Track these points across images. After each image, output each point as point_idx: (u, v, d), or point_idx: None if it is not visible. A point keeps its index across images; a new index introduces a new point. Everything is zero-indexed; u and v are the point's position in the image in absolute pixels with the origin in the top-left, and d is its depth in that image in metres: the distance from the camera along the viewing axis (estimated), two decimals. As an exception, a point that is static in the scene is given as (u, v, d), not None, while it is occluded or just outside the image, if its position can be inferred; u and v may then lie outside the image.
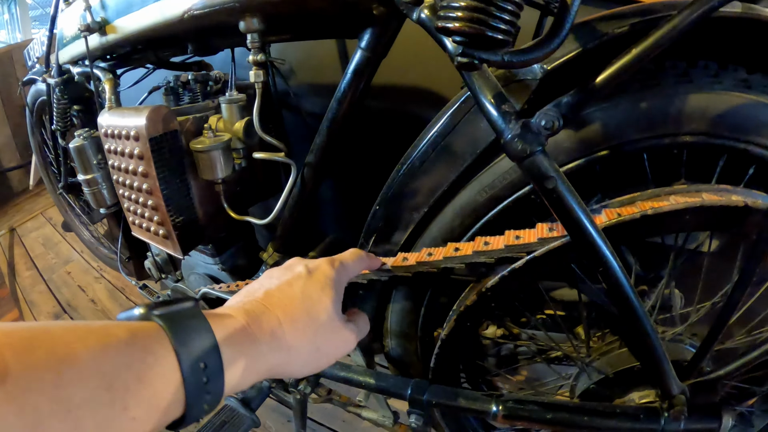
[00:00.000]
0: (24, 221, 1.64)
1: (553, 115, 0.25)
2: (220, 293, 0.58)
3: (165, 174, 0.51)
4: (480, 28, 0.21)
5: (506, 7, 0.20)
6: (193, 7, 0.40)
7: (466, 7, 0.20)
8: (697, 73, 0.34)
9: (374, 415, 0.54)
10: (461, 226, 0.38)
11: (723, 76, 0.33)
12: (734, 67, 0.35)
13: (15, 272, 1.37)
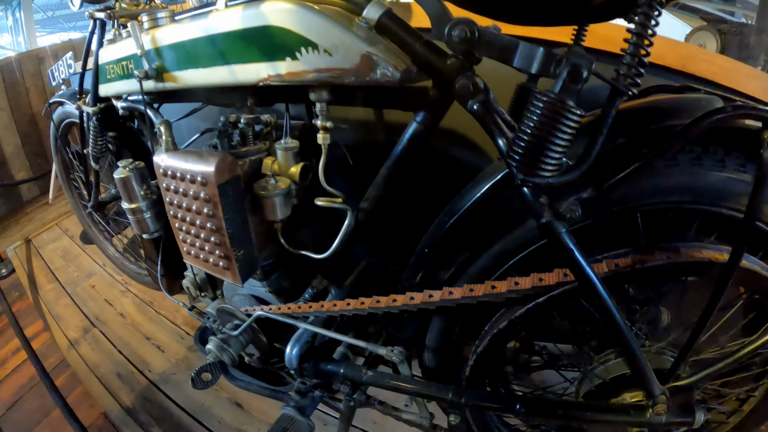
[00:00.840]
0: (39, 232, 1.70)
1: (575, 209, 0.37)
2: (274, 315, 0.69)
3: (230, 215, 0.60)
4: (538, 173, 0.31)
5: (559, 150, 0.31)
6: (270, 78, 0.49)
7: (529, 151, 0.31)
8: (683, 157, 0.45)
9: (413, 416, 0.66)
10: (494, 269, 0.49)
11: (704, 159, 0.45)
12: (714, 149, 0.46)
13: (36, 285, 1.44)
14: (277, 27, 0.43)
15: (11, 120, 1.84)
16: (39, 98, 1.93)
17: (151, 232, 0.87)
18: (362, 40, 0.41)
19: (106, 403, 1.03)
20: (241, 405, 0.97)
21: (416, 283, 0.57)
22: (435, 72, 0.44)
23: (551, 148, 0.32)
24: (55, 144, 1.27)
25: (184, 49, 0.55)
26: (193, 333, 1.19)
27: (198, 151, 0.63)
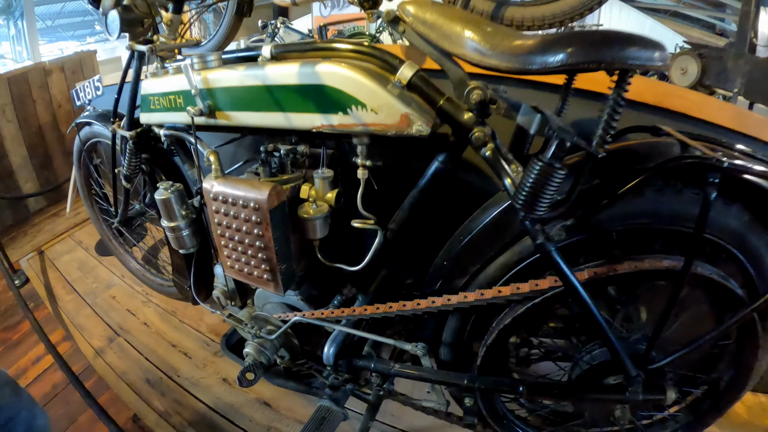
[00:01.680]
0: (52, 243, 1.82)
1: (561, 233, 0.52)
2: (310, 320, 0.83)
3: (277, 235, 0.75)
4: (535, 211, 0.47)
5: (549, 195, 0.46)
6: (323, 127, 0.64)
7: (529, 197, 0.47)
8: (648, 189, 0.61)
9: (432, 403, 0.81)
10: (500, 276, 0.64)
11: (665, 190, 0.60)
12: (673, 182, 0.61)
13: (54, 296, 1.56)
14: (332, 87, 0.58)
15: (19, 132, 1.95)
16: (46, 111, 2.05)
17: (188, 248, 1.02)
18: (402, 103, 0.56)
19: (138, 407, 1.15)
20: (270, 404, 1.11)
21: (435, 289, 0.72)
22: (455, 124, 0.59)
23: (544, 195, 0.48)
24: (79, 161, 1.40)
25: (239, 93, 0.70)
26: (217, 340, 1.33)
27: (247, 179, 0.78)
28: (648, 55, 0.47)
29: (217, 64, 0.74)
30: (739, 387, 0.75)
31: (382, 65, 0.62)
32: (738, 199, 0.62)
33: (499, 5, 1.02)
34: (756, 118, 0.92)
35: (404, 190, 0.70)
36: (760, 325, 0.68)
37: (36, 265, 1.72)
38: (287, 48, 0.69)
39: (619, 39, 0.46)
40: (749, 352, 0.71)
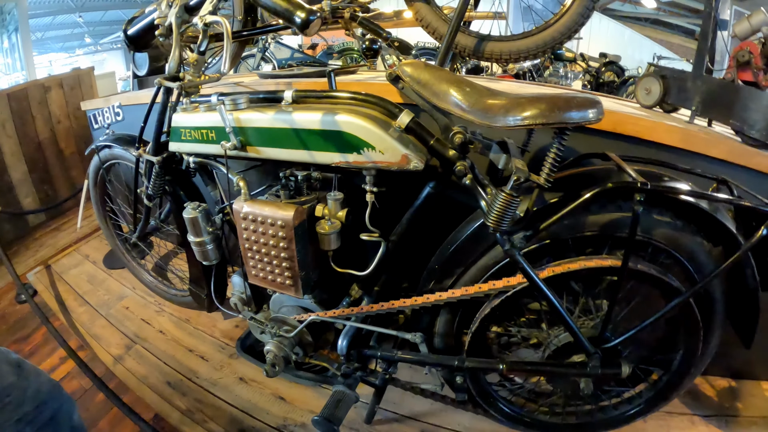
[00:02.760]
0: (59, 258, 1.99)
1: (523, 242, 0.75)
2: (325, 318, 1.05)
3: (299, 247, 0.96)
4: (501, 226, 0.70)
5: (510, 215, 0.69)
6: (340, 163, 0.85)
7: (496, 217, 0.70)
8: (593, 205, 0.84)
9: (429, 385, 1.03)
10: (480, 275, 0.87)
11: (608, 205, 0.84)
12: (615, 200, 0.85)
13: (67, 308, 1.75)
14: (349, 133, 0.80)
15: (18, 147, 2.12)
16: (45, 127, 2.22)
17: (211, 260, 1.23)
18: (402, 145, 0.79)
19: (161, 407, 1.34)
20: (284, 398, 1.31)
21: (429, 288, 0.94)
22: (442, 159, 0.82)
23: (506, 215, 0.71)
24: (95, 180, 1.59)
25: (269, 133, 0.92)
26: (231, 344, 1.53)
27: (272, 201, 1.00)
28: (582, 115, 0.70)
29: (246, 106, 0.96)
30: (688, 365, 0.98)
31: (384, 111, 0.85)
32: (670, 209, 0.86)
33: (480, 41, 1.26)
34: (701, 137, 1.17)
35: (402, 210, 0.93)
36: (698, 311, 0.91)
37: (44, 279, 1.90)
38: (306, 94, 0.92)
39: (563, 105, 0.69)
40: (692, 334, 0.94)
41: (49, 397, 0.80)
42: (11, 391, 0.73)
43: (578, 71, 4.21)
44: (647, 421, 1.27)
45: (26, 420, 0.76)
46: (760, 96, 1.23)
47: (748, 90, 1.30)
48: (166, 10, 0.88)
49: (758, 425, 1.28)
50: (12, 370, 0.74)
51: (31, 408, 0.76)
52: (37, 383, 0.78)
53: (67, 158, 2.36)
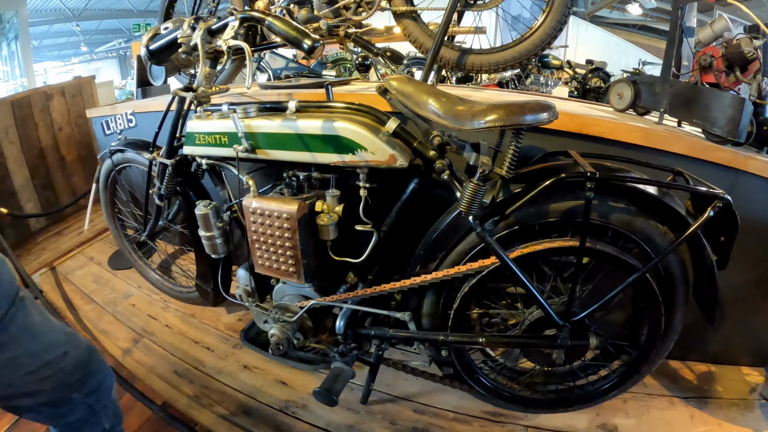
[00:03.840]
0: (63, 260, 2.16)
1: (493, 225, 0.95)
2: (324, 303, 1.24)
3: (302, 237, 1.16)
4: (472, 212, 0.90)
5: (478, 202, 0.90)
6: (338, 162, 1.05)
7: (468, 204, 0.90)
8: (555, 194, 1.05)
9: (417, 363, 1.22)
10: (459, 259, 1.07)
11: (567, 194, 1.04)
12: (573, 189, 1.06)
13: (74, 306, 1.92)
14: (346, 137, 1.00)
15: (21, 153, 2.31)
16: (47, 133, 2.41)
17: (220, 253, 1.42)
18: (389, 147, 0.99)
19: (169, 394, 1.51)
20: (286, 383, 1.49)
21: (416, 272, 1.14)
22: (424, 159, 1.02)
23: (475, 201, 0.90)
24: (106, 182, 1.78)
25: (277, 137, 1.12)
26: (235, 336, 1.71)
27: (277, 197, 1.19)
28: (535, 118, 0.90)
29: (255, 114, 1.16)
30: (654, 339, 1.17)
31: (374, 119, 1.05)
32: (623, 196, 1.06)
33: (462, 54, 1.48)
34: (661, 135, 1.38)
35: (391, 203, 1.13)
36: (658, 288, 1.09)
37: (50, 280, 2.07)
38: (307, 104, 1.12)
39: (518, 110, 0.89)
40: (654, 309, 1.12)
41: (96, 367, 0.96)
42: (64, 359, 0.90)
43: (564, 78, 4.51)
44: (627, 402, 1.45)
45: (75, 387, 0.93)
46: (720, 96, 1.45)
47: (710, 91, 1.52)
48: (188, 31, 1.08)
49: (738, 407, 1.45)
50: (65, 340, 0.91)
51: (80, 376, 0.92)
52: (86, 354, 0.94)
53: (68, 164, 2.54)
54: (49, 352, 0.86)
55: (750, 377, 1.59)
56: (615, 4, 6.75)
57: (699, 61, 1.63)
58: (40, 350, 0.84)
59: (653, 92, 1.72)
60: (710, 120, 1.45)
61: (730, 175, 1.34)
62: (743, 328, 1.54)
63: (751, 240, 1.34)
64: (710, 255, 1.05)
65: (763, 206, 1.34)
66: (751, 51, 1.45)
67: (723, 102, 1.43)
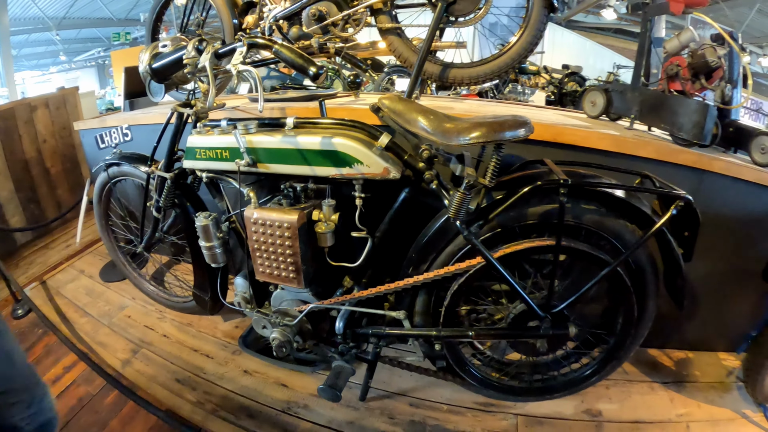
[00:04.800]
0: (53, 274, 2.22)
1: (478, 229, 1.10)
2: (323, 305, 1.37)
3: (302, 245, 1.28)
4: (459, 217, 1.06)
5: (464, 209, 1.05)
6: (336, 175, 1.19)
7: (456, 210, 1.05)
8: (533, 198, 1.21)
9: (413, 357, 1.36)
10: (448, 260, 1.22)
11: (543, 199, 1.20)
12: (549, 194, 1.22)
13: (68, 319, 1.99)
14: (342, 152, 1.14)
15: (5, 166, 2.36)
16: (32, 146, 2.46)
17: (219, 263, 1.54)
18: (383, 160, 1.13)
19: (172, 402, 1.61)
20: (287, 385, 1.61)
21: (409, 273, 1.28)
22: (414, 170, 1.17)
23: (462, 208, 1.05)
24: (100, 195, 1.87)
25: (277, 152, 1.24)
26: (234, 342, 1.82)
27: (277, 208, 1.32)
28: (514, 134, 1.06)
29: (255, 130, 1.29)
30: (628, 326, 1.32)
31: (368, 134, 1.19)
32: (594, 199, 1.22)
33: (444, 68, 1.63)
34: (631, 141, 1.56)
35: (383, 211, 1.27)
36: (628, 279, 1.25)
37: (41, 294, 2.13)
38: (304, 121, 1.25)
39: (498, 128, 1.04)
40: (626, 299, 1.28)
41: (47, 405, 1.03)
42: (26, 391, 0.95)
43: (541, 83, 4.80)
44: (610, 389, 1.62)
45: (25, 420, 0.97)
46: (686, 103, 1.64)
47: (677, 98, 1.72)
48: (193, 53, 1.20)
49: (716, 389, 1.63)
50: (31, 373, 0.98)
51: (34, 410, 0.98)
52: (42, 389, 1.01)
53: (53, 177, 2.60)
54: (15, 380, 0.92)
55: (726, 362, 1.78)
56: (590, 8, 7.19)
57: (666, 71, 1.83)
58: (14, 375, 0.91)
59: (624, 99, 1.91)
60: (677, 125, 1.65)
61: (696, 176, 1.52)
62: (717, 315, 1.73)
63: (719, 234, 1.53)
64: (676, 249, 1.22)
65: (728, 203, 1.53)
66: (715, 60, 1.65)
67: (688, 108, 1.62)
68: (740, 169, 1.49)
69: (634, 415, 1.50)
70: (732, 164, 1.50)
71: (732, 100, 1.66)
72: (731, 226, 1.54)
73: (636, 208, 1.20)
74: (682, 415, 1.51)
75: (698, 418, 1.51)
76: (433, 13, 1.56)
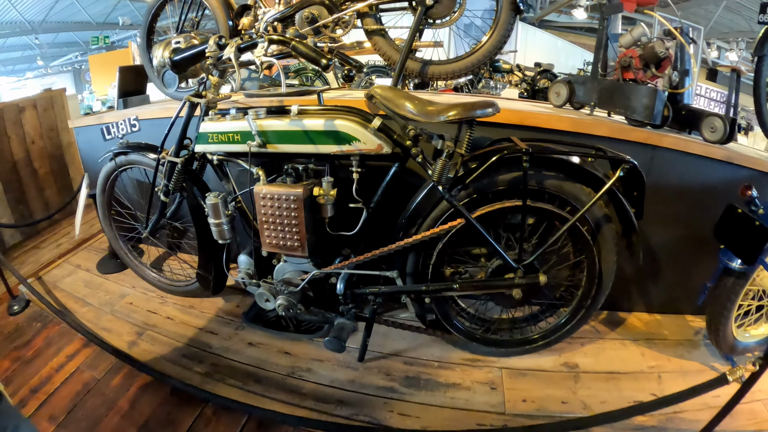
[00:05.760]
0: (49, 269, 2.42)
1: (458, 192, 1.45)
2: (327, 271, 1.68)
3: (306, 215, 1.60)
4: (442, 182, 1.41)
5: (445, 175, 1.40)
6: (337, 151, 1.52)
7: (438, 177, 1.40)
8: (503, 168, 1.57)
9: (406, 316, 1.68)
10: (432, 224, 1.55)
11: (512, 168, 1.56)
12: (514, 164, 1.58)
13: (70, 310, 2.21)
14: (343, 132, 1.45)
15: (-7, 168, 2.59)
16: (20, 147, 2.68)
17: (226, 239, 1.83)
18: (376, 138, 1.45)
19: (182, 375, 1.86)
20: (289, 352, 1.89)
21: (400, 237, 1.61)
22: (402, 147, 1.50)
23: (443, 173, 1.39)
24: (105, 184, 2.12)
25: (286, 134, 1.55)
26: (236, 320, 2.09)
27: (283, 184, 1.63)
28: (483, 112, 1.41)
29: (264, 116, 1.60)
30: (592, 278, 1.66)
31: (362, 117, 1.53)
32: (553, 167, 1.58)
33: (424, 65, 2.00)
34: (587, 122, 1.94)
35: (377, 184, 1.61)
36: (589, 233, 1.61)
37: (39, 289, 2.33)
38: (306, 108, 1.58)
39: (470, 107, 1.39)
40: (588, 251, 1.62)
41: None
42: None
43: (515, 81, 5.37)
44: (585, 345, 1.95)
45: None
46: (638, 89, 2.04)
47: (629, 85, 2.12)
48: (214, 47, 1.53)
49: (684, 346, 1.97)
50: None
51: None
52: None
53: (41, 178, 2.82)
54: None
55: (693, 323, 2.12)
56: (562, 8, 7.97)
57: (620, 62, 2.25)
58: None
59: (585, 89, 2.32)
60: (630, 108, 2.05)
61: (648, 151, 1.89)
62: (680, 278, 2.09)
63: (676, 202, 1.91)
64: (629, 207, 1.56)
65: (679, 173, 1.91)
66: (663, 51, 2.05)
67: (639, 93, 2.02)
68: (688, 144, 1.87)
69: (608, 366, 1.83)
70: (680, 140, 1.88)
71: (680, 85, 2.07)
72: (684, 194, 1.91)
73: (590, 173, 1.55)
74: (653, 367, 1.83)
75: (669, 369, 1.82)
76: (414, 16, 1.93)
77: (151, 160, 1.93)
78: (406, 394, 1.68)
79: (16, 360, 2.07)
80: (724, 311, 1.72)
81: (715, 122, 1.90)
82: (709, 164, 1.89)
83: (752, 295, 1.79)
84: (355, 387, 1.72)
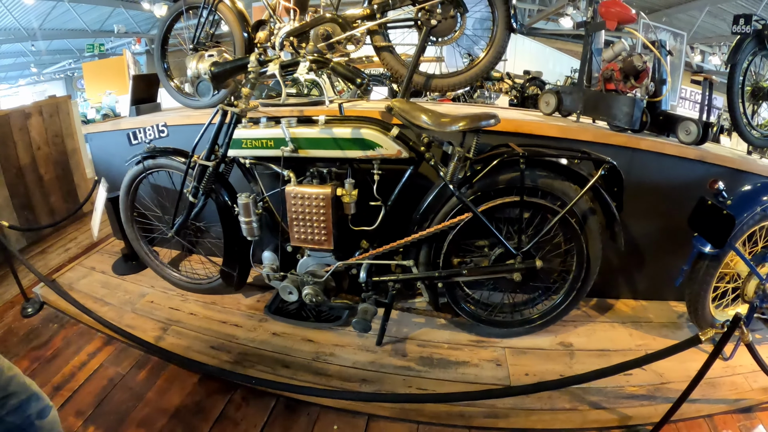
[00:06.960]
0: (63, 272, 2.72)
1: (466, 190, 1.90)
2: (350, 262, 2.09)
3: (333, 212, 2.01)
4: (453, 182, 1.86)
5: (455, 177, 1.86)
6: (362, 156, 1.93)
7: (450, 178, 1.86)
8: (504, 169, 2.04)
9: (419, 301, 2.11)
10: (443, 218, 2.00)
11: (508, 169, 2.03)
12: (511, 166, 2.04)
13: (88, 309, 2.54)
14: (368, 139, 1.86)
15: (0, 173, 2.90)
16: (26, 153, 2.97)
17: (255, 236, 2.23)
18: (396, 144, 1.88)
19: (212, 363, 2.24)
20: (312, 340, 2.28)
21: (414, 231, 2.05)
22: (417, 152, 1.94)
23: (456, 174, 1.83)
24: (129, 187, 2.47)
25: (316, 141, 1.97)
26: (259, 313, 2.46)
27: (311, 184, 2.05)
28: (487, 123, 1.87)
29: (296, 124, 2.02)
30: (581, 262, 2.12)
31: (383, 126, 1.97)
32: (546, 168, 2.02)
33: (427, 78, 2.46)
34: (573, 129, 2.43)
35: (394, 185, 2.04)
36: (577, 224, 2.08)
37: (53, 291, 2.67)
38: (332, 118, 2.02)
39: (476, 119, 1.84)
40: (576, 239, 2.09)
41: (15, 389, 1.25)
42: None
43: (505, 88, 5.99)
44: (578, 327, 2.40)
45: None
46: (618, 99, 2.55)
47: (611, 95, 2.63)
48: (255, 63, 1.94)
49: (669, 327, 2.42)
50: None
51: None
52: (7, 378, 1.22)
53: (46, 184, 3.11)
54: None
55: (677, 308, 2.59)
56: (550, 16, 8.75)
57: (603, 75, 2.76)
58: None
59: (572, 99, 2.82)
60: (612, 115, 2.55)
61: (628, 153, 2.36)
62: (662, 268, 2.55)
63: (655, 198, 2.38)
64: (610, 201, 2.02)
65: (656, 171, 2.38)
66: (641, 65, 2.57)
67: (620, 102, 2.52)
68: (663, 146, 2.34)
69: (599, 345, 2.27)
70: (656, 142, 2.35)
71: (658, 93, 2.58)
72: (662, 191, 2.39)
73: (576, 173, 2.03)
74: (640, 345, 2.27)
75: (654, 347, 2.14)
76: (419, 34, 2.39)
77: (180, 163, 2.30)
78: (422, 371, 2.08)
79: (36, 360, 2.34)
80: (701, 291, 2.13)
81: (689, 126, 2.39)
82: (683, 163, 2.37)
83: (728, 279, 2.22)
84: (376, 367, 2.10)
